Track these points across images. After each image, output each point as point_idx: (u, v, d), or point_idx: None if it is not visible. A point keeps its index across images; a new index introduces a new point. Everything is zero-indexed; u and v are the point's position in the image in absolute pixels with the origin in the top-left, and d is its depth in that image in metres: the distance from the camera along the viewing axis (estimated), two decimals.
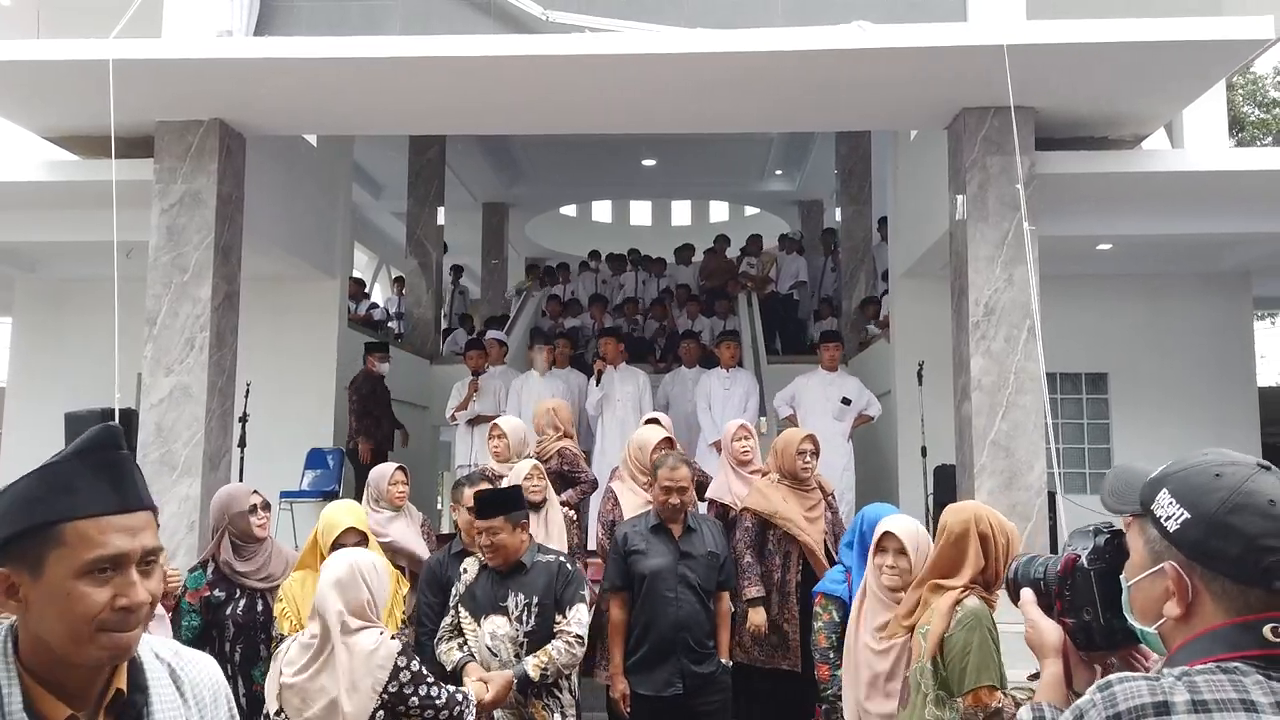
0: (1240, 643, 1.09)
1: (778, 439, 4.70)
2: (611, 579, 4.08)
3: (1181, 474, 1.19)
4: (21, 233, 7.49)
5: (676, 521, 4.04)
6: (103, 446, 1.30)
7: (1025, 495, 5.90)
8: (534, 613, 3.41)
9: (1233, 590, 1.10)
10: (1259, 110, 23.36)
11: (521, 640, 3.38)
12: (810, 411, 7.55)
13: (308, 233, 8.38)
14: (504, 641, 3.39)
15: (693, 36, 5.65)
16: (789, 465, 4.53)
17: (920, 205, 7.95)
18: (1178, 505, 1.16)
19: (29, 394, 8.90)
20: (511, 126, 7.79)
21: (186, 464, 6.25)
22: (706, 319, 11.58)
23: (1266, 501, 1.10)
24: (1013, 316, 6.04)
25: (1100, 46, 5.42)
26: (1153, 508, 1.19)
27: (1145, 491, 1.22)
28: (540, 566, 3.50)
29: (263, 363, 7.64)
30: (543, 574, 3.47)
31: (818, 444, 4.62)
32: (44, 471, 1.27)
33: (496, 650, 3.38)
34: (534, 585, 3.45)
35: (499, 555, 3.44)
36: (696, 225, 18.45)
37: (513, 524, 3.44)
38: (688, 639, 3.91)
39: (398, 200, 13.16)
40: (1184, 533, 1.14)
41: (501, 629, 3.40)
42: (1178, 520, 1.15)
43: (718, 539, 4.12)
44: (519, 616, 3.41)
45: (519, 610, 3.41)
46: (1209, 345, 8.46)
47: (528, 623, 3.40)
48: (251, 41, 5.88)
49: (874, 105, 6.39)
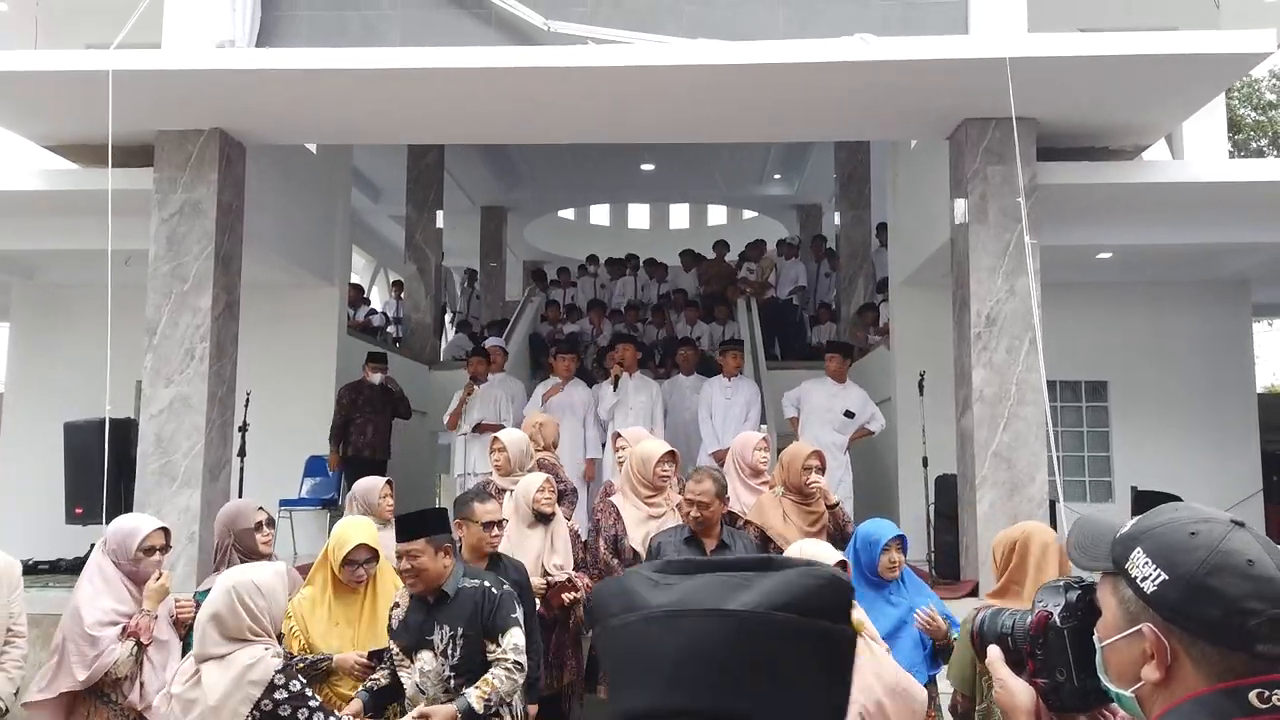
0: (1226, 710, 1.05)
1: (784, 453, 4.70)
2: None
3: (1156, 532, 1.14)
4: (19, 241, 7.45)
5: (710, 535, 4.02)
6: None
7: (1027, 506, 5.90)
8: (459, 645, 3.18)
9: (1214, 654, 1.06)
10: (1255, 113, 23.43)
11: (448, 675, 3.17)
12: (812, 419, 7.52)
13: (307, 240, 8.36)
14: (431, 679, 3.17)
15: (695, 48, 5.64)
16: (794, 480, 4.54)
17: (920, 213, 7.95)
18: (1154, 565, 1.11)
19: (26, 401, 8.88)
20: (512, 136, 7.77)
21: (186, 475, 6.24)
22: (705, 325, 11.57)
23: (1245, 561, 1.06)
24: (1014, 327, 6.05)
25: (1101, 59, 5.42)
26: (1127, 566, 1.15)
27: (1117, 549, 1.17)
28: (465, 594, 3.25)
29: (261, 370, 7.62)
30: (467, 602, 3.23)
31: (824, 459, 4.62)
32: None
33: (425, 688, 3.17)
34: (459, 615, 3.21)
35: (420, 581, 3.20)
36: (695, 229, 18.46)
37: (435, 547, 3.20)
38: None
39: (396, 204, 13.15)
40: (1162, 594, 1.09)
41: (429, 665, 3.17)
42: (1155, 581, 1.10)
43: (751, 554, 4.10)
44: (444, 650, 3.19)
45: (444, 643, 3.19)
46: (1208, 353, 8.47)
47: (453, 656, 3.18)
48: (251, 52, 5.87)
49: (876, 116, 6.39)
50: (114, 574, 3.57)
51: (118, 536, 3.62)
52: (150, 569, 3.58)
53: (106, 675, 3.41)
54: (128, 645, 3.43)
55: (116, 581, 3.56)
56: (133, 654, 3.43)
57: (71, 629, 3.46)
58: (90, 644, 3.41)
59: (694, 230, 18.36)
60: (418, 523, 3.24)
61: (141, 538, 3.58)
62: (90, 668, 3.40)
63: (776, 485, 4.65)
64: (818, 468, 4.54)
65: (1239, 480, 8.29)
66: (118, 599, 3.53)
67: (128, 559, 3.56)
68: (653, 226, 19.17)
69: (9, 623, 3.70)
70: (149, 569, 3.58)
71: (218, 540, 3.85)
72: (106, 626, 3.45)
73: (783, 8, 6.01)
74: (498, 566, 3.83)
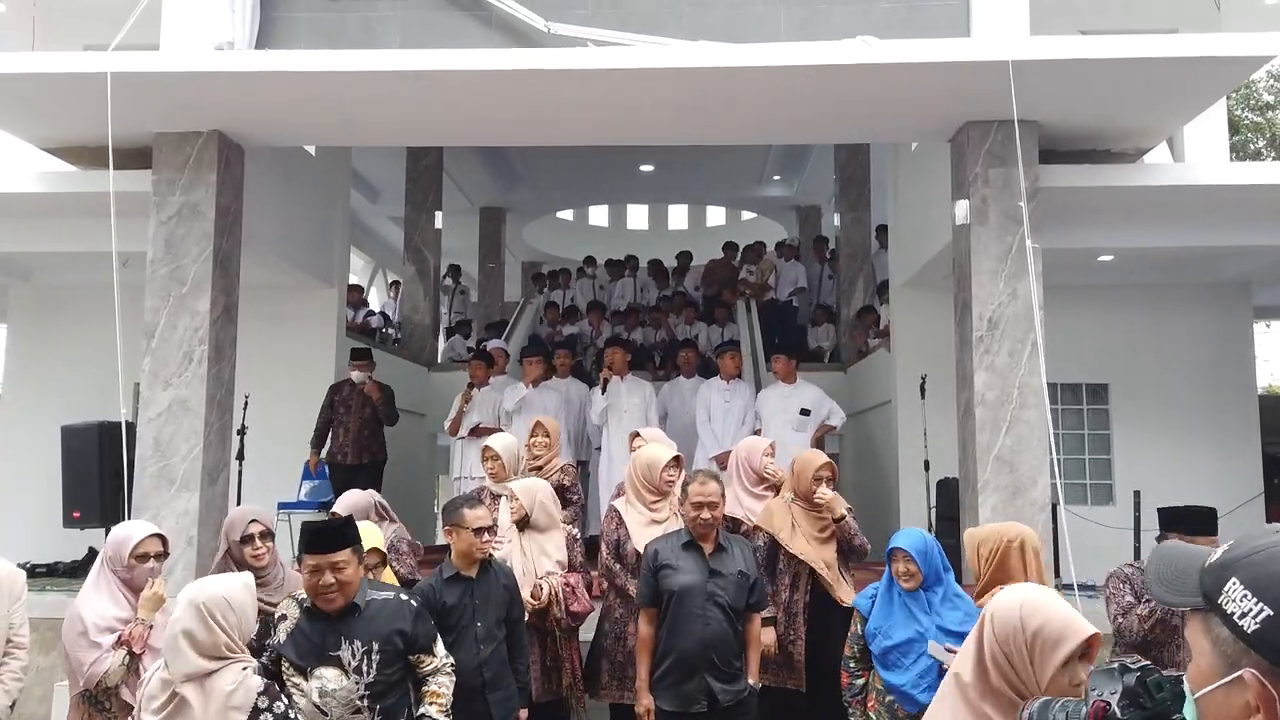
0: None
1: (796, 460, 4.66)
2: (642, 594, 4.02)
3: (1253, 559, 0.98)
4: (17, 243, 7.42)
5: (708, 539, 4.01)
6: None
7: (1029, 510, 5.88)
8: (375, 661, 3.00)
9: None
10: (1253, 114, 23.46)
11: (363, 694, 2.99)
12: (771, 424, 7.49)
13: (306, 242, 8.33)
14: (336, 698, 2.97)
15: (696, 50, 5.62)
16: (804, 490, 4.51)
17: (921, 215, 7.94)
18: (1253, 599, 0.95)
19: (24, 403, 8.84)
20: (511, 138, 7.73)
21: (185, 478, 6.20)
22: (705, 326, 11.55)
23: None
24: (1016, 331, 6.03)
25: (1104, 62, 5.40)
26: (1220, 601, 0.99)
27: (1207, 581, 1.02)
28: (377, 606, 3.08)
29: (260, 372, 7.58)
30: (380, 615, 3.07)
31: (835, 470, 4.59)
32: None
33: (327, 709, 2.96)
34: (372, 629, 3.03)
35: (342, 595, 3.00)
36: (693, 230, 18.45)
37: (359, 557, 3.05)
38: (714, 657, 3.84)
39: (395, 205, 13.12)
40: (1266, 633, 0.93)
41: (333, 683, 2.97)
42: (1256, 618, 0.94)
43: (748, 559, 4.06)
44: (357, 667, 2.99)
45: (357, 659, 3.00)
46: (1209, 355, 8.45)
47: (368, 674, 3.00)
48: (250, 54, 5.84)
49: (877, 119, 6.37)
50: (111, 581, 3.55)
51: (113, 543, 3.61)
52: (145, 576, 3.56)
53: (98, 684, 3.39)
54: (119, 655, 3.40)
55: (113, 589, 3.54)
56: (124, 663, 3.40)
57: (67, 635, 3.45)
58: (84, 651, 3.39)
59: (693, 231, 18.34)
60: (342, 533, 3.06)
61: (134, 544, 3.56)
62: (84, 675, 3.38)
63: (786, 491, 4.63)
64: (828, 479, 4.51)
65: (1240, 483, 8.28)
66: (116, 606, 3.51)
67: (122, 566, 3.54)
68: (652, 227, 19.15)
69: (10, 633, 3.68)
70: (143, 576, 3.56)
71: (219, 545, 3.84)
72: (103, 633, 3.42)
73: (784, 10, 5.98)
74: (488, 573, 3.80)
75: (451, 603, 3.67)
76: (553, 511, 4.46)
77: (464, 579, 3.72)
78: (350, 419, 7.72)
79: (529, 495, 4.37)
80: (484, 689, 3.62)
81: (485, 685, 3.62)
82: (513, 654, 3.82)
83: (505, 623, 3.79)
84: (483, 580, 3.76)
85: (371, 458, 7.78)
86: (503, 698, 3.71)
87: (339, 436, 7.72)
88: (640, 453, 4.80)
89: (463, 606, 3.66)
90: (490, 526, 3.80)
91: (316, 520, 3.21)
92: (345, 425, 7.74)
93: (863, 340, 10.25)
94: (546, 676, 4.36)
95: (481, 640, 3.65)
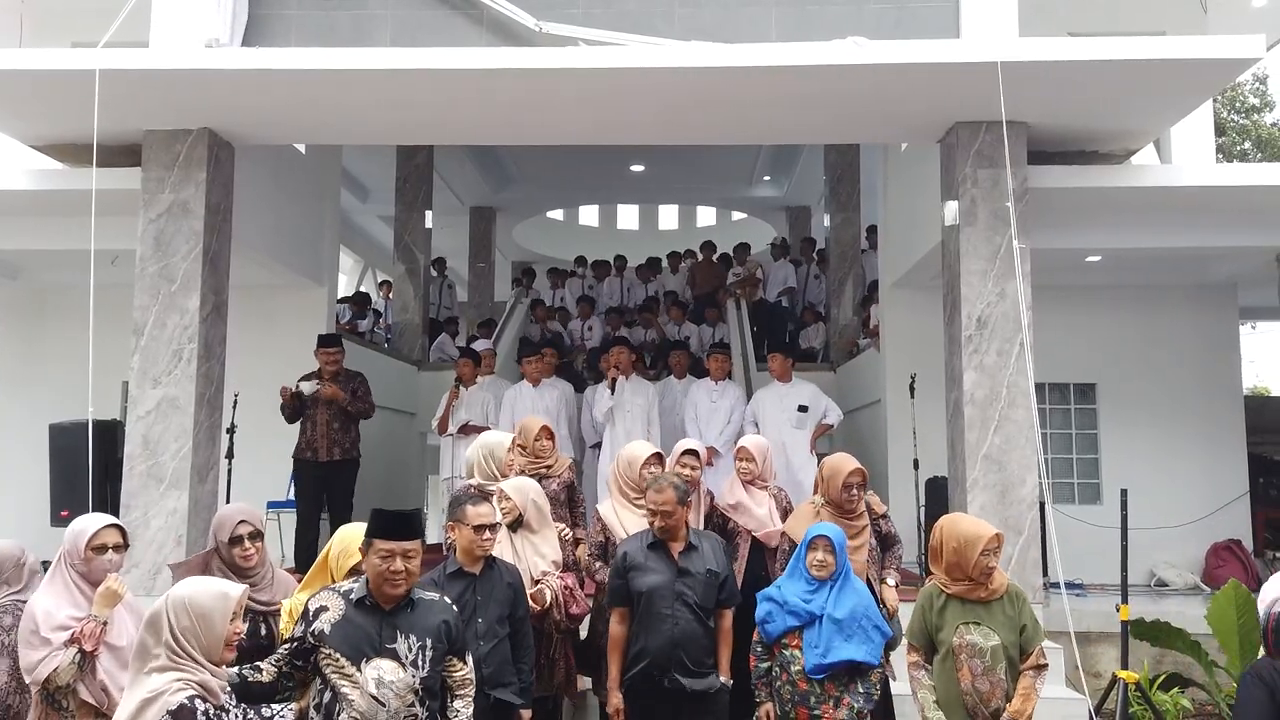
0: None
1: (825, 466, 4.62)
2: (612, 595, 4.07)
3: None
4: (5, 241, 7.38)
5: (676, 539, 4.02)
6: None
7: (1018, 509, 5.92)
8: (428, 658, 3.04)
9: None
10: (1239, 116, 23.63)
11: (417, 689, 3.02)
12: (769, 423, 7.51)
13: (295, 241, 8.31)
14: (394, 690, 2.98)
15: (687, 50, 5.63)
16: (835, 496, 4.50)
17: (911, 216, 7.97)
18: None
19: (12, 402, 8.80)
20: (502, 138, 7.72)
21: (174, 476, 6.18)
22: (695, 326, 11.56)
23: None
24: (1005, 330, 6.07)
25: (1092, 64, 5.44)
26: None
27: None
28: (426, 605, 3.12)
29: (249, 371, 7.54)
30: (430, 614, 3.11)
31: (865, 476, 4.56)
32: None
33: (384, 700, 2.97)
34: (424, 626, 3.07)
35: (406, 585, 3.04)
36: (684, 230, 18.46)
37: (422, 551, 3.06)
38: (683, 657, 3.90)
39: (385, 205, 13.09)
40: None
41: (390, 674, 2.98)
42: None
43: (719, 557, 4.10)
44: (413, 661, 3.02)
45: (412, 654, 3.03)
46: (1196, 356, 8.51)
47: (422, 668, 3.03)
48: (240, 52, 5.82)
49: (867, 119, 6.40)
50: (68, 577, 3.40)
51: (69, 536, 3.45)
52: (102, 569, 3.40)
53: (48, 682, 3.22)
54: (69, 653, 3.23)
55: (69, 585, 3.39)
56: (75, 661, 3.22)
57: (20, 632, 3.32)
58: (33, 649, 3.24)
59: (683, 231, 18.35)
60: (415, 523, 3.09)
61: (89, 536, 3.41)
62: (31, 673, 3.23)
63: (817, 496, 4.62)
64: (859, 484, 4.50)
65: (1225, 482, 8.35)
66: (72, 603, 3.35)
67: (79, 559, 3.40)
68: (642, 227, 19.15)
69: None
70: (101, 569, 3.40)
71: (209, 544, 3.78)
72: (54, 630, 3.26)
73: (775, 10, 6.00)
74: (491, 570, 3.80)
75: (452, 598, 3.66)
76: (545, 510, 4.45)
77: (466, 575, 3.71)
78: (318, 412, 7.15)
79: (521, 495, 4.34)
80: (483, 685, 3.62)
81: (484, 681, 3.62)
82: (517, 653, 3.80)
83: (510, 621, 3.78)
84: (485, 577, 3.75)
85: (344, 454, 7.25)
86: (503, 694, 3.71)
87: (306, 431, 7.20)
88: (622, 450, 4.83)
89: (463, 602, 3.64)
90: (493, 524, 3.78)
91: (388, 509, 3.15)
92: (313, 419, 7.18)
93: (851, 340, 10.28)
94: (539, 673, 4.37)
95: (481, 636, 3.64)
